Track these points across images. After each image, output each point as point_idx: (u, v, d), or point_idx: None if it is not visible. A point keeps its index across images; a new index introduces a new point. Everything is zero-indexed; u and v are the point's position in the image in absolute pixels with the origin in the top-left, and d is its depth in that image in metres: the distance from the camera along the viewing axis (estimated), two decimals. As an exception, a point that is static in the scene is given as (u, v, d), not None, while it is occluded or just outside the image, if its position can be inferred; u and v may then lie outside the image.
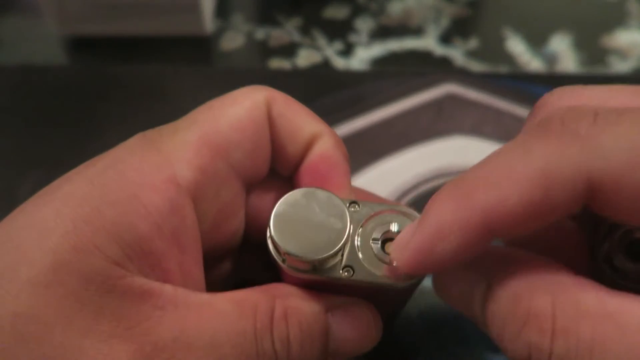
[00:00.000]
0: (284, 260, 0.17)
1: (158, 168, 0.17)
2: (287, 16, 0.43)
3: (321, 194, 0.17)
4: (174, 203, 0.16)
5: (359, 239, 0.18)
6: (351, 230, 0.17)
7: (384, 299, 0.19)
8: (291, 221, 0.17)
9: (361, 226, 0.18)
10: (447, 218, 0.14)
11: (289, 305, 0.17)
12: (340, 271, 0.17)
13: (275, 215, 0.17)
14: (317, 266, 0.17)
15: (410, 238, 0.15)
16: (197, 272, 0.18)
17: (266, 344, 0.16)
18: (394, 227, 0.18)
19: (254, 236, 0.21)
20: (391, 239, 0.18)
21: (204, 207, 0.18)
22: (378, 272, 0.17)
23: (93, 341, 0.14)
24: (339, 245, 0.17)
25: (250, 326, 0.16)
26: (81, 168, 0.17)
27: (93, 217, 0.15)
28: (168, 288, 0.16)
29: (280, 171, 0.21)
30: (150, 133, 0.18)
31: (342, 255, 0.17)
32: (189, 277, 0.17)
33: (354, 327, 0.18)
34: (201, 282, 0.18)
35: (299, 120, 0.20)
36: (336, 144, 0.20)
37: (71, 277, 0.14)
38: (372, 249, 0.18)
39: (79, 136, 0.34)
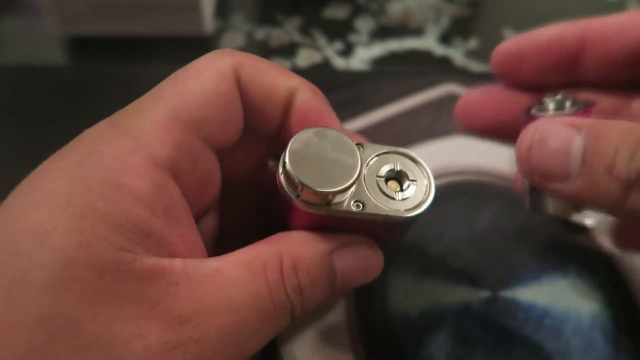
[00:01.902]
0: (298, 196, 0.17)
1: (133, 152, 0.17)
2: (287, 16, 0.43)
3: (331, 132, 0.18)
4: (157, 184, 0.17)
5: (365, 177, 0.19)
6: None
7: (386, 232, 0.20)
8: (306, 157, 0.17)
9: (367, 165, 0.19)
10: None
11: (296, 256, 0.18)
12: (352, 204, 0.18)
13: (290, 152, 0.17)
14: (330, 201, 0.18)
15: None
16: (196, 239, 0.18)
17: (281, 297, 0.17)
18: (396, 166, 0.19)
19: (232, 189, 0.21)
20: (393, 178, 0.19)
21: (183, 182, 0.18)
22: (385, 206, 0.18)
23: (121, 325, 0.15)
24: (353, 178, 0.17)
25: (263, 286, 0.17)
26: (52, 162, 0.17)
27: (87, 213, 0.15)
28: (177, 262, 0.16)
29: (262, 131, 0.21)
30: (116, 117, 0.18)
31: (351, 191, 0.18)
32: (191, 245, 0.18)
33: (358, 264, 0.19)
34: (202, 247, 0.18)
35: (271, 81, 0.20)
36: (314, 93, 0.20)
37: (84, 271, 0.15)
38: (378, 185, 0.19)
39: (79, 136, 0.34)
